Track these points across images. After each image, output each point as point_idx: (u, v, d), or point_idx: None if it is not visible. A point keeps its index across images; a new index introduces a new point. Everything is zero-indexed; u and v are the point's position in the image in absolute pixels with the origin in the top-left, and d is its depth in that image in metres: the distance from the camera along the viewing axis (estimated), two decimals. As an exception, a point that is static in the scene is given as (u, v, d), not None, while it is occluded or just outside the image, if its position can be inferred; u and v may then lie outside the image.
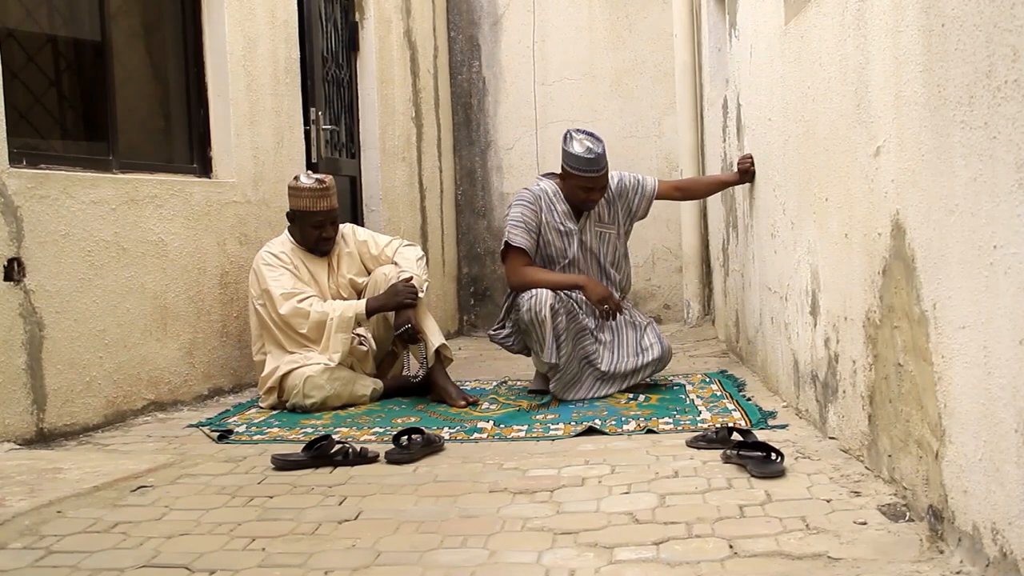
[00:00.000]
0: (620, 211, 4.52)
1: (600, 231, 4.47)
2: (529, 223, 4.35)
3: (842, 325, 2.91)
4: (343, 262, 4.53)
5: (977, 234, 1.86)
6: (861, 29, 2.57)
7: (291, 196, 4.42)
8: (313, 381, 4.11)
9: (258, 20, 4.92)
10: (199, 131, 4.69)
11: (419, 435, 3.25)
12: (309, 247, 4.42)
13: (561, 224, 4.38)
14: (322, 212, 4.36)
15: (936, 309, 2.11)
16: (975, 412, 1.91)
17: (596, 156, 4.23)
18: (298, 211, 4.38)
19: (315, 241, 4.40)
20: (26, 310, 3.48)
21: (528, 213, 4.36)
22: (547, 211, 4.38)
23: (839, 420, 3.01)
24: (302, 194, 4.36)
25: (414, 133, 6.85)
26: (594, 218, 4.45)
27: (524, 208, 4.36)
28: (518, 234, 4.33)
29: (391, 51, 6.48)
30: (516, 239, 4.32)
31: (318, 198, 4.35)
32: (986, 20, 1.77)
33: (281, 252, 4.39)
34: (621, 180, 4.52)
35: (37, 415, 3.51)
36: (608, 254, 4.49)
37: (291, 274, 4.34)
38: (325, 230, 4.39)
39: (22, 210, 3.47)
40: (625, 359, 4.33)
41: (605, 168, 4.29)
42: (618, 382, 4.30)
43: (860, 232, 2.67)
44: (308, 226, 4.37)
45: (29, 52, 3.90)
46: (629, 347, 4.37)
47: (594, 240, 4.45)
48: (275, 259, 4.35)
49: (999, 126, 1.74)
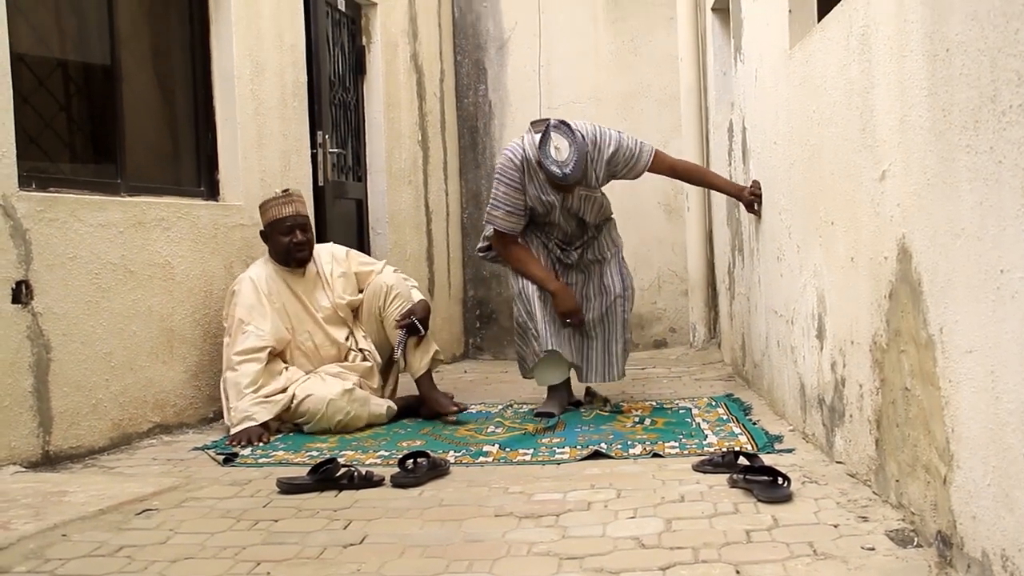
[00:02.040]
0: (605, 176, 4.38)
1: (585, 194, 4.40)
2: (511, 202, 4.31)
3: (848, 349, 2.91)
4: (337, 284, 4.53)
5: (983, 258, 1.86)
6: (865, 54, 2.58)
7: (261, 214, 4.47)
8: (336, 404, 4.10)
9: (266, 44, 4.95)
10: (207, 154, 4.71)
11: (425, 459, 3.25)
12: (284, 259, 4.40)
13: (542, 193, 4.32)
14: (288, 216, 4.38)
15: (943, 333, 2.11)
16: (983, 437, 1.91)
17: (566, 175, 4.11)
18: (268, 223, 4.42)
19: (287, 249, 4.38)
20: (33, 332, 3.49)
21: (509, 192, 4.30)
22: (528, 180, 4.31)
23: (846, 444, 3.00)
24: (268, 205, 4.43)
25: (420, 156, 6.88)
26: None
27: (504, 186, 4.30)
28: (502, 217, 4.33)
29: (398, 75, 6.51)
30: (500, 223, 4.35)
31: (282, 204, 4.40)
32: (990, 45, 1.78)
33: (259, 276, 4.35)
34: (617, 151, 4.33)
35: (43, 438, 3.51)
36: (592, 212, 4.47)
37: (262, 307, 4.27)
38: (294, 235, 4.38)
39: (31, 233, 3.49)
40: (591, 305, 4.51)
41: (578, 180, 4.19)
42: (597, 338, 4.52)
43: (866, 256, 2.67)
44: (278, 234, 4.38)
45: (40, 76, 3.93)
46: (593, 287, 4.54)
47: (577, 202, 4.40)
48: (251, 286, 4.30)
49: (1004, 150, 1.74)
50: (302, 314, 4.41)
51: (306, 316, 4.42)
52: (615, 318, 4.54)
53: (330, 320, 4.48)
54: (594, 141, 4.30)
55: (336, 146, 5.78)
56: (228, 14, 4.70)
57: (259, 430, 3.97)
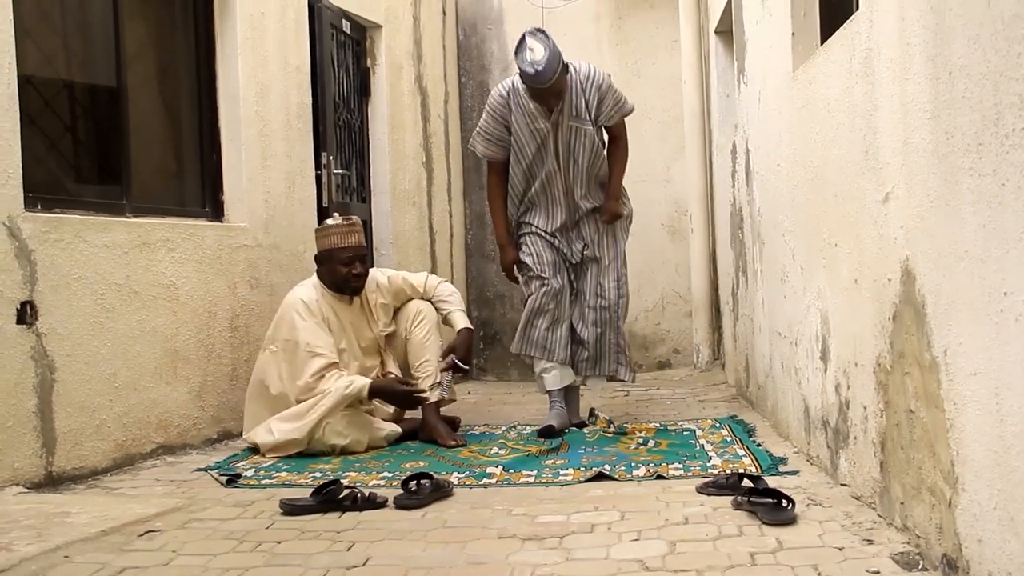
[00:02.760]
0: (596, 108, 4.43)
1: (575, 126, 4.41)
2: (491, 131, 4.47)
3: (852, 371, 2.90)
4: (379, 313, 4.52)
5: (987, 280, 1.86)
6: (869, 76, 2.59)
7: (318, 237, 4.43)
8: (333, 427, 4.09)
9: (271, 66, 4.98)
10: (211, 175, 4.73)
11: (428, 480, 3.24)
12: (339, 287, 4.37)
13: (532, 123, 4.37)
14: (351, 247, 4.33)
15: (947, 355, 2.11)
16: (988, 460, 1.90)
17: (537, 72, 4.16)
18: (326, 250, 4.35)
19: (344, 279, 4.34)
20: (38, 353, 3.50)
21: (490, 121, 4.46)
22: (516, 110, 4.39)
23: (851, 466, 2.99)
24: (329, 231, 4.37)
25: (424, 177, 6.89)
26: (568, 112, 4.39)
27: (487, 116, 4.48)
28: (478, 142, 4.54)
29: (402, 97, 6.54)
30: (479, 148, 4.55)
31: (345, 234, 4.35)
32: (992, 69, 1.79)
33: (312, 299, 4.30)
34: (608, 90, 4.45)
35: (46, 458, 3.51)
36: (586, 150, 4.46)
37: (323, 330, 4.25)
38: (354, 267, 4.34)
39: (36, 254, 3.50)
40: (585, 303, 4.56)
41: (553, 79, 4.21)
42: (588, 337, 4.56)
43: (870, 278, 2.67)
44: (337, 263, 4.32)
45: (46, 98, 3.95)
46: (588, 287, 4.57)
47: (569, 136, 4.41)
48: (306, 309, 4.25)
49: (1007, 173, 1.74)
50: (345, 343, 4.39)
51: (348, 346, 4.41)
52: (608, 319, 4.58)
53: (368, 351, 4.49)
54: (587, 75, 4.43)
55: (340, 167, 5.79)
56: (234, 36, 4.73)
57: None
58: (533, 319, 4.50)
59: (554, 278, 4.50)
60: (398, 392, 4.33)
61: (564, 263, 4.58)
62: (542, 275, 4.49)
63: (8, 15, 3.42)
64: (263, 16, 4.92)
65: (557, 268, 4.54)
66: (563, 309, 4.52)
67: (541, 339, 4.50)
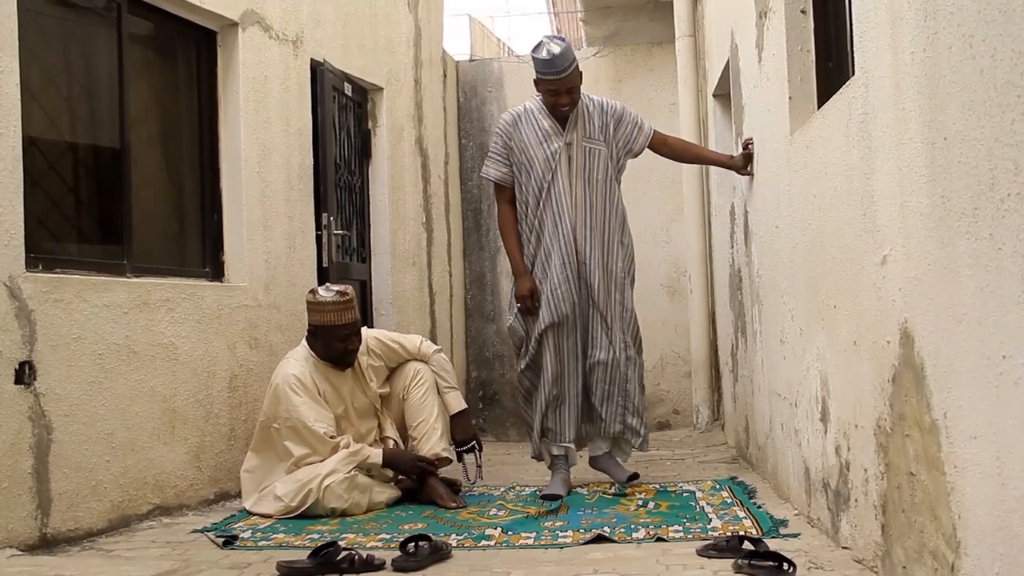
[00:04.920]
0: (612, 133, 4.46)
1: (589, 147, 4.41)
2: (499, 152, 4.45)
3: (852, 432, 2.90)
4: (372, 375, 4.51)
5: (986, 343, 1.86)
6: (865, 140, 2.62)
7: (311, 311, 4.35)
8: (332, 491, 4.06)
9: (273, 129, 5.03)
10: (213, 235, 4.76)
11: (426, 542, 3.21)
12: (333, 361, 4.36)
13: (544, 140, 4.37)
14: (346, 325, 4.29)
15: (947, 418, 2.10)
16: (991, 524, 1.89)
17: (553, 57, 4.20)
18: (320, 326, 4.30)
19: (340, 355, 4.34)
20: (35, 413, 3.49)
21: (498, 141, 4.46)
22: (527, 129, 4.39)
23: (852, 529, 2.97)
24: (325, 308, 4.28)
25: (424, 238, 6.93)
26: (581, 131, 4.40)
27: (496, 137, 4.48)
28: (489, 166, 4.49)
29: (403, 158, 6.60)
30: (488, 171, 4.49)
31: (341, 311, 4.29)
32: (987, 135, 1.81)
33: (304, 373, 4.27)
34: (624, 111, 4.52)
35: (41, 520, 3.48)
36: (599, 172, 4.41)
37: (320, 404, 4.25)
38: (350, 342, 4.32)
39: (36, 314, 3.50)
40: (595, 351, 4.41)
41: (568, 70, 4.24)
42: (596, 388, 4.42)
43: (869, 339, 2.68)
44: (333, 340, 4.29)
45: (50, 159, 3.99)
46: (598, 359, 4.41)
47: (582, 156, 4.38)
48: (300, 384, 4.23)
49: (1004, 238, 1.76)
50: (341, 411, 4.38)
51: (344, 414, 4.40)
52: (617, 376, 4.43)
53: (363, 413, 4.48)
54: (600, 102, 4.49)
55: (341, 228, 5.83)
56: (236, 98, 4.79)
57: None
58: (542, 415, 4.42)
59: (555, 366, 4.37)
60: (410, 465, 4.33)
61: (582, 301, 4.39)
62: (541, 368, 4.40)
63: (15, 79, 3.47)
64: (266, 79, 4.98)
65: (560, 350, 4.37)
66: (567, 385, 4.41)
67: (551, 428, 4.43)
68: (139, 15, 4.39)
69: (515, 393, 4.62)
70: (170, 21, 4.58)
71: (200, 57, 4.80)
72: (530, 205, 4.40)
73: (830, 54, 3.53)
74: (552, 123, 4.38)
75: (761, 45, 4.15)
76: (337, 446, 4.16)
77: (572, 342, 4.39)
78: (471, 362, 7.82)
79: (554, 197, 4.36)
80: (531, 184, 4.38)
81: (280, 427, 4.21)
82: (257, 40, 4.93)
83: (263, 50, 4.97)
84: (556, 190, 4.36)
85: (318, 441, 4.15)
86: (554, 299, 4.34)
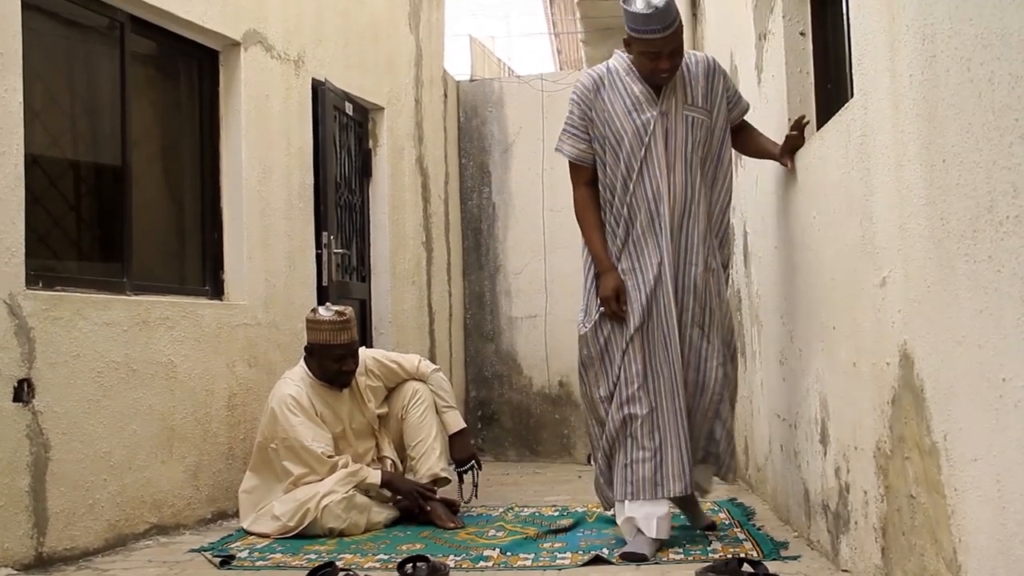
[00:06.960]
0: (719, 101, 3.64)
1: (690, 115, 3.56)
2: (576, 124, 3.63)
3: (852, 454, 2.89)
4: (369, 395, 4.51)
5: (985, 366, 1.86)
6: (864, 162, 2.62)
7: (310, 330, 4.36)
8: (330, 511, 4.04)
9: (274, 148, 5.04)
10: (213, 253, 4.76)
11: (424, 562, 3.20)
12: (329, 381, 4.36)
13: (635, 109, 3.52)
14: (343, 345, 4.30)
15: (947, 440, 2.10)
16: (991, 548, 1.88)
17: (656, 10, 3.34)
18: (317, 344, 4.31)
19: (335, 375, 4.34)
20: (33, 431, 3.48)
21: (575, 111, 3.62)
22: (613, 95, 3.55)
23: (852, 552, 2.96)
24: (322, 327, 4.30)
25: (424, 257, 6.93)
26: (680, 98, 3.55)
27: (573, 108, 3.62)
28: (564, 140, 3.66)
29: (403, 177, 6.61)
30: (562, 146, 3.68)
31: (338, 331, 4.30)
32: (985, 157, 1.81)
33: (301, 394, 4.27)
34: (728, 79, 3.70)
35: (37, 539, 3.47)
36: (700, 145, 3.57)
37: (317, 425, 4.24)
38: (346, 363, 4.33)
39: (35, 331, 3.50)
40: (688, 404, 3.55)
41: (673, 26, 3.39)
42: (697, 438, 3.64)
43: (868, 361, 2.67)
44: (329, 359, 4.30)
45: (51, 177, 3.99)
46: (690, 375, 3.57)
47: (681, 127, 3.53)
48: (296, 405, 4.22)
49: (1003, 260, 1.76)
50: (338, 432, 4.37)
51: (342, 434, 4.39)
52: (712, 398, 3.62)
53: (360, 433, 4.48)
54: (695, 58, 3.64)
55: (341, 246, 5.83)
56: (238, 118, 4.80)
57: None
58: (630, 453, 3.53)
59: (645, 390, 3.52)
60: (408, 490, 4.31)
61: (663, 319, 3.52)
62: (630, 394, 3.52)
63: (19, 98, 3.48)
64: (267, 98, 5.00)
65: (654, 356, 3.54)
66: (667, 418, 3.52)
67: (649, 475, 3.51)
68: (142, 34, 4.41)
69: (512, 412, 4.58)
70: (172, 40, 4.59)
71: (202, 76, 4.81)
72: (617, 189, 3.57)
73: (829, 76, 3.55)
74: (644, 88, 3.54)
75: (760, 67, 4.17)
76: (335, 465, 4.16)
77: (672, 354, 3.53)
78: (470, 381, 7.80)
79: (647, 179, 3.52)
80: (619, 164, 3.55)
81: (278, 447, 4.20)
82: (259, 60, 4.95)
83: (265, 69, 4.99)
84: (649, 171, 3.52)
85: (316, 461, 4.14)
86: (646, 302, 3.52)
